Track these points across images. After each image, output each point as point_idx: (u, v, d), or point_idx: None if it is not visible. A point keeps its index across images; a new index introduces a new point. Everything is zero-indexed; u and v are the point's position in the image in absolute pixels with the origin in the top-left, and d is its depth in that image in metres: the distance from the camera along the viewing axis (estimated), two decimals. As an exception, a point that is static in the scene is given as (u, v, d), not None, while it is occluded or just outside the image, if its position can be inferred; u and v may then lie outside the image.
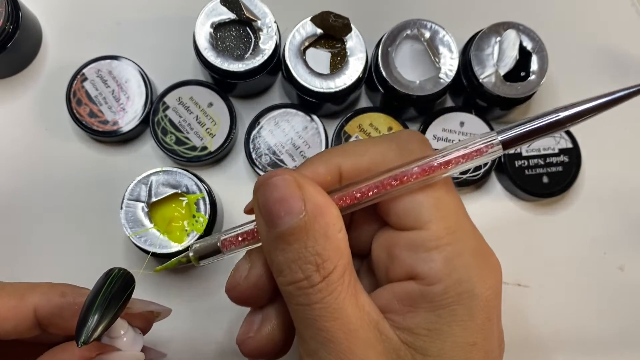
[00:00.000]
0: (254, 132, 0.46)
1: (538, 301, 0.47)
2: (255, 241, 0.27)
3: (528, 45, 0.45)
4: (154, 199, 0.41)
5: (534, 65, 0.45)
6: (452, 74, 0.44)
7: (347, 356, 0.24)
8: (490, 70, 0.45)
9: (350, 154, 0.27)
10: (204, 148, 0.46)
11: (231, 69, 0.44)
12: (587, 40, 0.52)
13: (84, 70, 0.46)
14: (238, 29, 0.45)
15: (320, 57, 0.45)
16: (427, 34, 0.45)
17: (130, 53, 0.47)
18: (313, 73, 0.44)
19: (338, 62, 0.45)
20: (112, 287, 0.26)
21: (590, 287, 0.48)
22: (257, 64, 0.44)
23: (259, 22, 0.44)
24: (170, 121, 0.46)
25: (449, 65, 0.44)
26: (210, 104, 0.46)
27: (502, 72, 0.45)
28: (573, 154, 0.48)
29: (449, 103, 0.50)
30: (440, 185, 0.26)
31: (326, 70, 0.45)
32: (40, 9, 0.49)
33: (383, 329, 0.25)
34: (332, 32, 0.44)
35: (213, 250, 0.28)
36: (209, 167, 0.48)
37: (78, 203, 0.47)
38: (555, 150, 0.48)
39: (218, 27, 0.45)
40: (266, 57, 0.44)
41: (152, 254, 0.41)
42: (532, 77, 0.45)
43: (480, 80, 0.45)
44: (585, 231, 0.49)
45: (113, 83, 0.46)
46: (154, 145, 0.46)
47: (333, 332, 0.24)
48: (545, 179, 0.47)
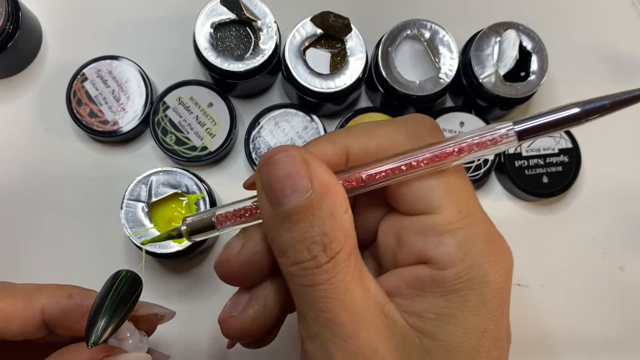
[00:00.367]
0: (254, 132, 0.47)
1: (538, 301, 0.47)
2: (252, 218, 0.26)
3: (528, 45, 0.45)
4: (154, 199, 0.41)
5: (534, 65, 0.45)
6: (452, 74, 0.44)
7: (351, 339, 0.23)
8: (490, 70, 0.45)
9: (358, 136, 0.26)
10: (204, 148, 0.46)
11: (231, 69, 0.44)
12: (587, 40, 0.52)
13: (84, 70, 0.46)
14: (238, 29, 0.45)
15: (320, 57, 0.45)
16: (427, 34, 0.45)
17: (130, 53, 0.47)
18: (313, 73, 0.44)
19: (338, 62, 0.45)
20: (121, 289, 0.27)
21: (590, 287, 0.48)
22: (257, 64, 0.44)
23: (259, 22, 0.44)
24: (170, 121, 0.46)
25: (449, 65, 0.44)
26: (210, 104, 0.46)
27: (502, 72, 0.45)
28: (573, 154, 0.48)
29: (449, 103, 0.50)
30: (451, 170, 0.25)
31: (326, 70, 0.45)
32: (40, 9, 0.49)
33: (389, 312, 0.24)
34: (332, 32, 0.44)
35: (207, 225, 0.26)
36: (209, 167, 0.48)
37: (78, 203, 0.47)
38: (555, 150, 0.48)
39: (218, 27, 0.45)
40: (266, 57, 0.44)
41: (147, 252, 0.41)
42: (532, 77, 0.45)
43: (480, 80, 0.45)
44: (585, 231, 0.49)
45: (113, 83, 0.46)
46: (154, 145, 0.46)
47: (337, 314, 0.23)
48: (545, 179, 0.47)
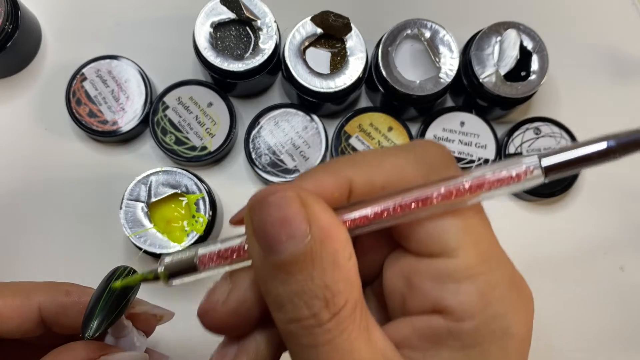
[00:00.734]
0: (254, 132, 0.46)
1: (538, 301, 0.47)
2: (240, 260, 0.23)
3: (528, 45, 0.45)
4: (154, 199, 0.41)
5: (535, 65, 0.45)
6: (453, 74, 0.44)
7: None
8: (490, 70, 0.45)
9: (362, 167, 0.23)
10: (204, 148, 0.46)
11: (231, 69, 0.44)
12: (588, 40, 0.52)
13: (84, 70, 0.46)
14: (238, 29, 0.45)
15: (320, 57, 0.45)
16: (428, 34, 0.45)
17: (130, 53, 0.47)
18: (313, 73, 0.44)
19: (338, 62, 0.45)
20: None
21: (590, 287, 0.48)
22: (257, 64, 0.44)
23: (259, 22, 0.44)
24: (169, 121, 0.46)
25: (449, 65, 0.44)
26: (210, 104, 0.46)
27: (503, 72, 0.45)
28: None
29: (449, 103, 0.50)
30: (468, 206, 0.23)
31: (326, 70, 0.45)
32: (40, 9, 0.49)
33: None
34: (332, 32, 0.44)
35: (188, 266, 0.23)
36: (209, 167, 0.48)
37: (78, 203, 0.47)
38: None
39: (218, 27, 0.45)
40: (266, 57, 0.44)
41: (144, 251, 0.41)
42: (533, 77, 0.45)
43: (480, 80, 0.44)
44: (585, 231, 0.49)
45: (113, 83, 0.46)
46: (154, 145, 0.46)
47: None
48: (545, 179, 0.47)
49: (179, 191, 0.42)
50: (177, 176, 0.42)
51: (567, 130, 0.48)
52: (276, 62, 0.45)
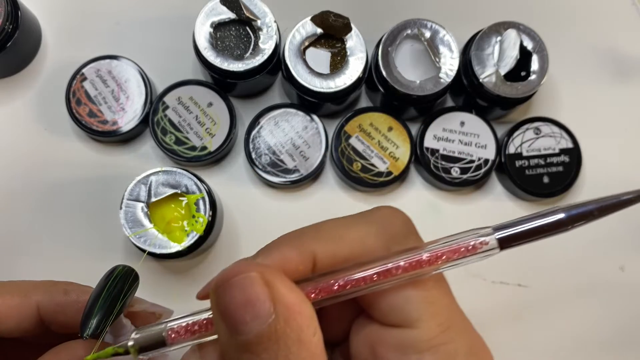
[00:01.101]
0: (254, 132, 0.46)
1: (538, 301, 0.47)
2: (208, 333, 0.23)
3: (528, 45, 0.45)
4: (154, 199, 0.41)
5: (535, 65, 0.45)
6: (453, 74, 0.44)
7: None
8: (490, 70, 0.45)
9: (325, 240, 0.24)
10: (204, 148, 0.46)
11: (231, 69, 0.44)
12: (588, 40, 0.52)
13: (84, 70, 0.46)
14: (238, 29, 0.45)
15: (320, 57, 0.45)
16: (428, 34, 0.45)
17: (130, 53, 0.47)
18: (313, 73, 0.44)
19: (338, 62, 0.45)
20: (117, 282, 0.27)
21: (591, 287, 0.48)
22: (257, 64, 0.44)
23: (259, 22, 0.44)
24: (169, 121, 0.46)
25: (449, 65, 0.44)
26: (210, 104, 0.46)
27: (503, 72, 0.45)
28: (574, 154, 0.48)
29: (449, 103, 0.50)
30: (429, 276, 0.23)
31: (326, 70, 0.45)
32: (40, 9, 0.49)
33: None
34: (332, 32, 0.44)
35: (157, 341, 0.24)
36: (209, 167, 0.48)
37: (77, 203, 0.47)
38: (555, 150, 0.47)
39: (218, 27, 0.45)
40: (266, 57, 0.44)
41: (149, 253, 0.40)
42: (533, 77, 0.45)
43: (480, 80, 0.44)
44: (585, 231, 0.48)
45: (112, 83, 0.46)
46: (154, 145, 0.46)
47: None
48: (545, 179, 0.47)
49: (179, 191, 0.42)
50: (177, 176, 0.42)
51: (567, 130, 0.48)
52: (276, 62, 0.45)
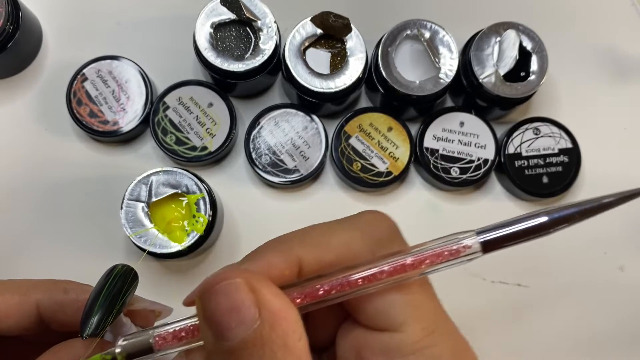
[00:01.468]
0: (254, 132, 0.47)
1: (538, 301, 0.47)
2: (195, 340, 0.24)
3: (528, 45, 0.45)
4: (154, 199, 0.41)
5: (534, 65, 0.45)
6: (452, 74, 0.44)
7: None
8: (490, 70, 0.45)
9: (311, 245, 0.24)
10: (204, 148, 0.46)
11: (231, 69, 0.44)
12: (587, 40, 0.52)
13: (84, 70, 0.46)
14: (238, 29, 0.45)
15: (320, 57, 0.45)
16: (427, 34, 0.45)
17: (130, 53, 0.47)
18: (313, 73, 0.44)
19: (338, 62, 0.45)
20: (117, 282, 0.27)
21: (590, 287, 0.48)
22: (257, 64, 0.44)
23: (259, 22, 0.44)
24: (170, 121, 0.46)
25: (449, 65, 0.44)
26: (210, 104, 0.46)
27: (502, 72, 0.45)
28: (573, 154, 0.48)
29: (449, 103, 0.50)
30: (413, 280, 0.24)
31: (326, 70, 0.45)
32: (40, 9, 0.49)
33: None
34: (332, 32, 0.44)
35: (144, 348, 0.24)
36: (209, 167, 0.48)
37: (78, 203, 0.47)
38: (555, 150, 0.48)
39: (218, 27, 0.45)
40: (266, 57, 0.44)
41: (148, 253, 0.41)
42: (532, 77, 0.45)
43: (480, 80, 0.45)
44: (585, 231, 0.49)
45: (113, 83, 0.46)
46: (154, 145, 0.46)
47: None
48: (545, 179, 0.47)
49: (180, 191, 0.42)
50: (178, 176, 0.42)
51: (567, 130, 0.48)
52: (276, 63, 0.46)
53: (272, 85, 0.49)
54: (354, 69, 0.44)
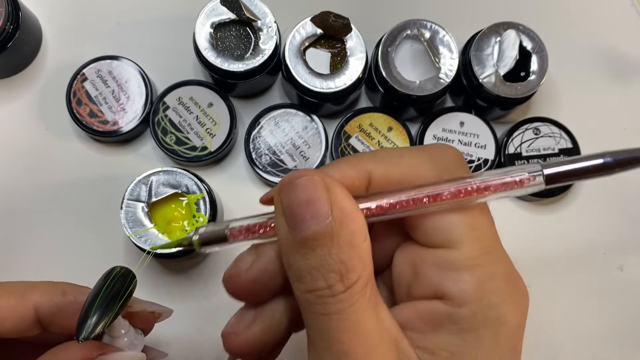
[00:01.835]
0: (254, 132, 0.47)
1: (538, 301, 0.47)
2: (265, 235, 0.26)
3: (528, 45, 0.45)
4: (154, 199, 0.41)
5: (534, 65, 0.45)
6: (452, 74, 0.44)
7: None
8: (490, 70, 0.45)
9: (382, 162, 0.25)
10: (204, 148, 0.46)
11: (231, 69, 0.44)
12: (587, 40, 0.52)
13: (84, 70, 0.46)
14: (238, 29, 0.45)
15: (320, 57, 0.45)
16: (427, 34, 0.45)
17: (130, 53, 0.47)
18: (313, 73, 0.44)
19: (338, 62, 0.45)
20: (114, 285, 0.27)
21: (590, 287, 0.48)
22: (257, 64, 0.44)
23: (259, 22, 0.44)
24: (170, 121, 0.46)
25: (449, 65, 0.44)
26: (210, 104, 0.46)
27: (502, 72, 0.45)
28: (573, 154, 0.48)
29: (449, 103, 0.50)
30: (474, 204, 0.25)
31: (326, 70, 0.45)
32: (40, 9, 0.49)
33: (402, 347, 0.24)
34: (332, 32, 0.44)
35: (219, 237, 0.26)
36: (209, 167, 0.48)
37: (78, 203, 0.47)
38: (555, 150, 0.48)
39: (218, 27, 0.45)
40: (266, 57, 0.44)
41: (148, 252, 0.41)
42: (532, 77, 0.45)
43: (480, 80, 0.45)
44: (585, 231, 0.49)
45: (113, 83, 0.46)
46: (154, 145, 0.46)
47: (350, 346, 0.22)
48: (545, 179, 0.47)
49: (180, 191, 0.42)
50: (178, 176, 0.42)
51: (567, 130, 0.48)
52: (276, 63, 0.46)
53: (272, 85, 0.49)
54: (354, 69, 0.44)
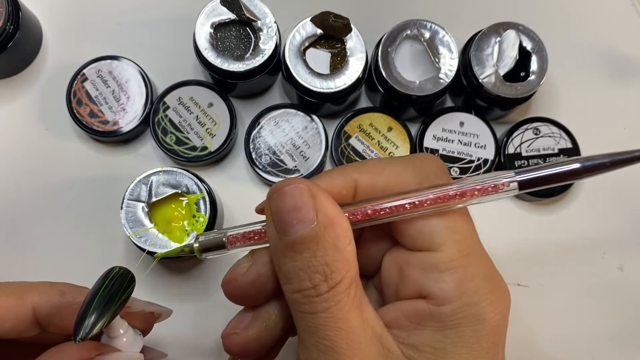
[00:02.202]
0: (254, 132, 0.47)
1: (538, 301, 0.47)
2: (261, 242, 0.27)
3: (528, 45, 0.45)
4: (154, 199, 0.41)
5: (534, 65, 0.45)
6: (452, 74, 0.44)
7: None
8: (490, 70, 0.45)
9: (367, 171, 0.27)
10: (204, 148, 0.46)
11: (231, 69, 0.44)
12: (587, 40, 0.52)
13: (84, 70, 0.46)
14: (238, 29, 0.45)
15: (320, 57, 0.45)
16: (427, 34, 0.45)
17: (130, 53, 0.47)
18: (313, 73, 0.44)
19: (338, 62, 0.45)
20: (112, 285, 0.27)
21: (590, 287, 0.48)
22: (257, 64, 0.44)
23: (259, 22, 0.44)
24: (170, 121, 0.46)
25: (449, 65, 0.44)
26: (210, 104, 0.46)
27: (502, 72, 0.45)
28: (573, 154, 0.48)
29: (449, 103, 0.50)
30: (454, 209, 0.26)
31: (326, 70, 0.45)
32: (40, 9, 0.49)
33: (386, 343, 0.25)
34: (332, 32, 0.44)
35: (218, 244, 0.28)
36: (209, 167, 0.48)
37: (78, 203, 0.47)
38: (555, 150, 0.48)
39: (218, 27, 0.45)
40: (266, 57, 0.44)
41: (150, 253, 0.41)
42: (532, 77, 0.45)
43: (480, 80, 0.45)
44: (585, 231, 0.49)
45: (113, 83, 0.46)
46: (154, 145, 0.46)
47: (336, 342, 0.24)
48: (545, 179, 0.47)
49: (180, 191, 0.42)
50: (178, 176, 0.42)
51: (567, 130, 0.48)
52: (276, 63, 0.46)
53: (272, 85, 0.50)
54: (354, 69, 0.44)
